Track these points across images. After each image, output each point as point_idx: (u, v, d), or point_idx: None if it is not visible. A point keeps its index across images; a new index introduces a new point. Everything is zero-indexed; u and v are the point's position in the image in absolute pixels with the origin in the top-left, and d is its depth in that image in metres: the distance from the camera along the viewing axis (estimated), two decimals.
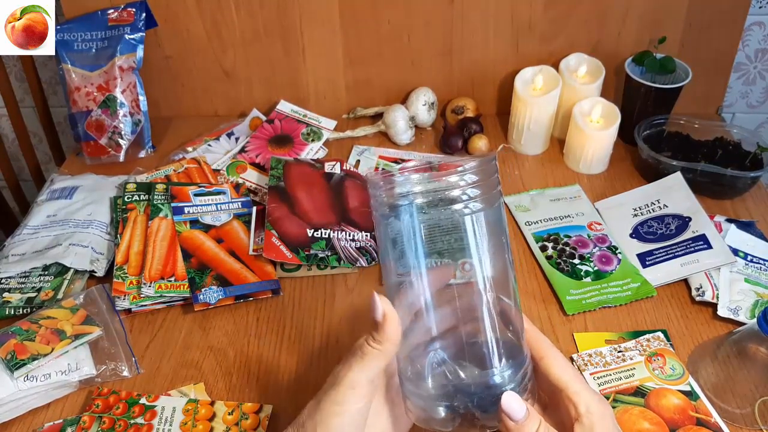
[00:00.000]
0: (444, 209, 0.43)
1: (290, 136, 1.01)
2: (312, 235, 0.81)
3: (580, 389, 0.44)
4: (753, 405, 0.63)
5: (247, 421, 0.63)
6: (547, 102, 0.95)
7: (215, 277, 0.76)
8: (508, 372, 0.44)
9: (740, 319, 0.71)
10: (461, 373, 0.43)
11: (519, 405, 0.43)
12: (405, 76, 1.05)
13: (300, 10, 0.99)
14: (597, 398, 0.45)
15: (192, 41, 1.02)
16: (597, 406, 0.44)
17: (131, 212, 0.83)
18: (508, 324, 0.45)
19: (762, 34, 1.10)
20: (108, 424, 0.62)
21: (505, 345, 0.44)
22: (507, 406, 0.42)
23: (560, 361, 0.46)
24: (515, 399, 0.43)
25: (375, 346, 0.43)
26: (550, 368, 0.45)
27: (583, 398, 0.44)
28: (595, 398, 0.45)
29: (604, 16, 0.99)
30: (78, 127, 0.98)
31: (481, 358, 0.44)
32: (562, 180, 0.95)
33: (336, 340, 0.72)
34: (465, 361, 0.44)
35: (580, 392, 0.44)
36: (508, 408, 0.42)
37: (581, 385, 0.45)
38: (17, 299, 0.74)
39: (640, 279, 0.77)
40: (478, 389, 0.43)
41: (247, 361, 0.70)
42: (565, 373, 0.45)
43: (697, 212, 0.82)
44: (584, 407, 0.44)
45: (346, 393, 0.43)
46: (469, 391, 0.43)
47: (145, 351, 0.71)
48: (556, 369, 0.45)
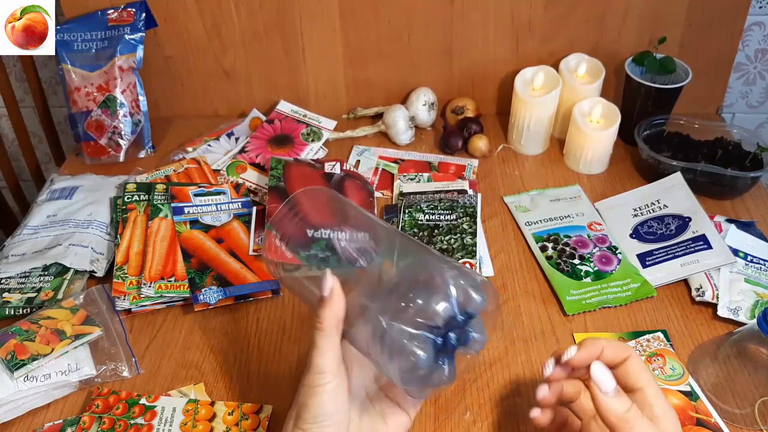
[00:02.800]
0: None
1: (290, 137, 1.01)
2: (312, 235, 0.81)
3: (658, 392, 0.47)
4: (753, 405, 0.63)
5: (247, 422, 0.63)
6: (547, 102, 0.95)
7: (215, 277, 0.76)
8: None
9: (740, 319, 0.71)
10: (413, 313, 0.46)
11: (609, 378, 0.45)
12: (405, 76, 1.05)
13: (300, 10, 0.99)
14: (670, 405, 0.47)
15: (192, 41, 1.02)
16: (672, 412, 0.47)
17: (131, 212, 0.83)
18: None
19: (762, 34, 1.10)
20: (108, 425, 0.62)
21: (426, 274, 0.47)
22: (597, 375, 0.45)
23: (641, 364, 0.48)
24: (604, 371, 0.45)
25: (319, 328, 0.47)
26: (633, 368, 0.47)
27: (660, 401, 0.46)
28: (669, 404, 0.47)
29: (604, 16, 0.99)
30: (78, 127, 0.98)
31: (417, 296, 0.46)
32: (562, 180, 0.95)
33: None
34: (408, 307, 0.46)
35: (657, 395, 0.47)
36: (598, 377, 0.45)
37: (659, 389, 0.47)
38: (17, 299, 0.74)
39: (640, 279, 0.77)
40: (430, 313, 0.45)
41: (247, 361, 0.70)
42: (645, 374, 0.47)
43: (697, 212, 0.82)
44: (661, 410, 0.46)
45: (315, 377, 0.47)
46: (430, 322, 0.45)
47: (145, 351, 0.71)
48: (638, 370, 0.47)
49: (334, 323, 0.47)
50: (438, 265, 0.48)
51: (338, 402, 0.48)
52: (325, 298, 0.47)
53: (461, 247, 0.80)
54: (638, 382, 0.47)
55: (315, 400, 0.47)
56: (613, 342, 0.48)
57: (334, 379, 0.47)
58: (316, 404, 0.47)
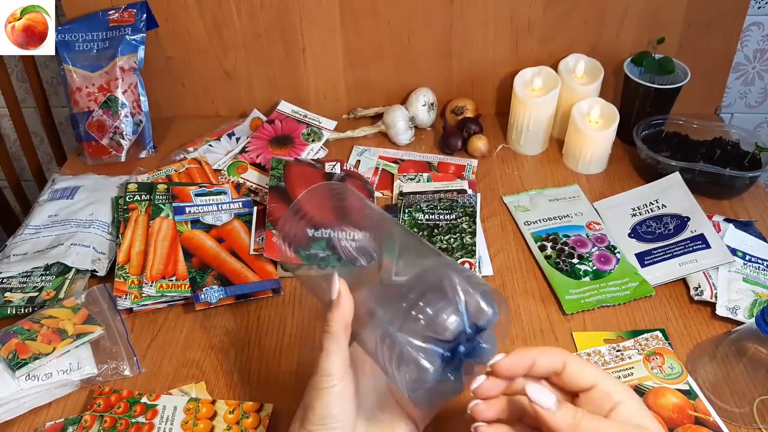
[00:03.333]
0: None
1: (291, 137, 1.01)
2: (312, 235, 0.81)
3: (611, 381, 0.45)
4: (751, 404, 0.63)
5: (248, 420, 0.63)
6: (546, 102, 0.95)
7: (216, 276, 0.76)
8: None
9: (739, 318, 0.72)
10: (423, 326, 0.45)
11: (545, 394, 0.43)
12: (405, 76, 1.06)
13: (300, 11, 0.99)
14: (628, 388, 0.45)
15: (193, 42, 1.02)
16: (632, 394, 0.45)
17: (132, 212, 0.84)
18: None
19: (761, 34, 1.10)
20: (109, 423, 0.62)
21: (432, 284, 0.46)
22: (533, 395, 0.43)
23: (582, 363, 0.46)
24: (539, 389, 0.43)
25: (327, 331, 0.47)
26: (575, 370, 0.45)
27: (616, 388, 0.45)
28: (627, 388, 0.45)
29: (602, 16, 1.00)
30: (79, 127, 0.98)
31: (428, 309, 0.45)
32: (561, 180, 0.95)
33: None
34: (418, 319, 0.45)
35: (611, 383, 0.45)
36: (535, 397, 0.43)
37: (611, 377, 0.46)
38: (19, 299, 0.74)
39: (638, 278, 0.77)
40: (438, 328, 0.45)
41: (247, 360, 0.70)
42: (590, 370, 0.46)
43: (696, 212, 0.83)
44: (620, 395, 0.44)
45: (321, 379, 0.47)
46: (438, 337, 0.45)
47: (146, 350, 0.71)
48: (581, 370, 0.45)
49: (342, 327, 0.47)
50: (448, 272, 0.47)
51: (344, 404, 0.48)
52: (333, 301, 0.47)
53: (461, 247, 0.80)
54: (586, 381, 0.45)
55: (320, 401, 0.47)
56: (545, 350, 0.46)
57: (341, 381, 0.47)
58: (322, 406, 0.47)
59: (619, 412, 0.43)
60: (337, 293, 0.47)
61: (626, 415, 0.43)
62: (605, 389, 0.44)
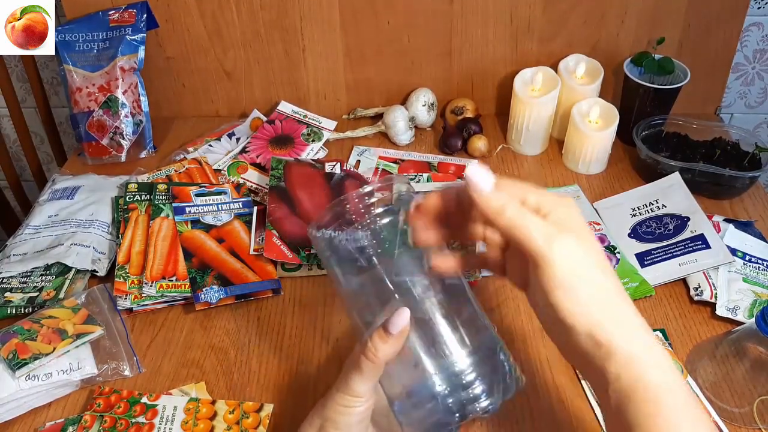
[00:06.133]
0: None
1: (291, 137, 1.01)
2: None
3: (540, 193, 0.44)
4: (751, 404, 0.63)
5: (247, 420, 0.63)
6: (546, 102, 0.95)
7: (216, 276, 0.76)
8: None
9: (738, 318, 0.72)
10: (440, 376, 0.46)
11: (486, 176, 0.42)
12: (405, 76, 1.06)
13: (300, 11, 0.99)
14: (558, 196, 0.45)
15: (193, 42, 1.02)
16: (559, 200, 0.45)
17: (133, 212, 0.84)
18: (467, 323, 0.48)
19: (760, 34, 1.10)
20: (109, 423, 0.62)
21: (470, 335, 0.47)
22: (471, 174, 0.42)
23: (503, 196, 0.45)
24: (479, 169, 0.42)
25: (371, 358, 0.45)
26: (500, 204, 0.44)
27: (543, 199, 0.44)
28: (556, 196, 0.45)
29: (602, 16, 1.00)
30: (79, 127, 0.98)
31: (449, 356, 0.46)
32: (561, 180, 0.95)
33: (336, 339, 0.72)
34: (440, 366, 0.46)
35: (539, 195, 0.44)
36: (473, 176, 0.42)
37: (539, 190, 0.44)
38: (19, 299, 0.74)
39: (638, 278, 0.77)
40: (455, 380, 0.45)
41: (247, 360, 0.70)
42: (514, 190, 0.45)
43: (696, 212, 0.83)
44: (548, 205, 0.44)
45: (349, 399, 0.47)
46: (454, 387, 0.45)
47: (146, 350, 0.71)
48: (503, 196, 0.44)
49: (387, 360, 0.46)
50: (498, 349, 0.48)
51: (363, 423, 0.48)
52: (391, 335, 0.45)
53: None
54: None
55: (344, 419, 0.47)
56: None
57: (366, 402, 0.48)
58: (344, 423, 0.47)
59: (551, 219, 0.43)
60: (399, 329, 0.45)
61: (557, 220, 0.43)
62: (533, 205, 0.44)
